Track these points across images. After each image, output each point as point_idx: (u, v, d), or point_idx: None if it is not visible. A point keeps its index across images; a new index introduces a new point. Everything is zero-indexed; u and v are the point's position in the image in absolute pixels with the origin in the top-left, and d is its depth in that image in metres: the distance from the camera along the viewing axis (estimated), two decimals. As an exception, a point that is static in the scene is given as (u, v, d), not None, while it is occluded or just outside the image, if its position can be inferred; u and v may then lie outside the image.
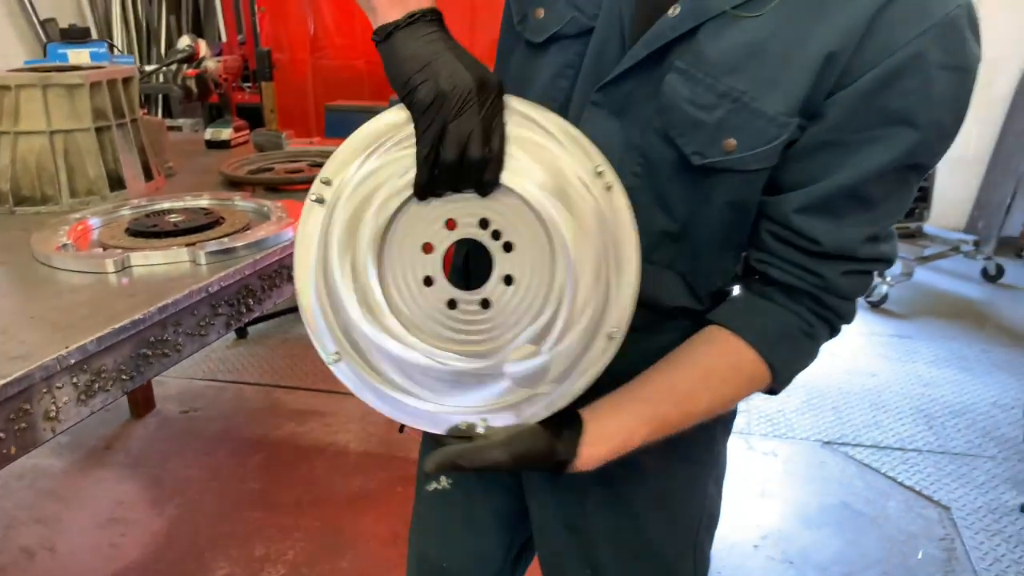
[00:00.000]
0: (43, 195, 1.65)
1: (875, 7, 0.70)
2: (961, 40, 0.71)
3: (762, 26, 0.73)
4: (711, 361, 0.83)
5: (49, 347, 1.01)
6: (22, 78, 1.63)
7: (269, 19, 3.29)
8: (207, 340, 1.31)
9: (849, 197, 0.76)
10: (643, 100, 0.80)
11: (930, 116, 0.72)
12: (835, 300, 0.81)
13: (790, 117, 0.73)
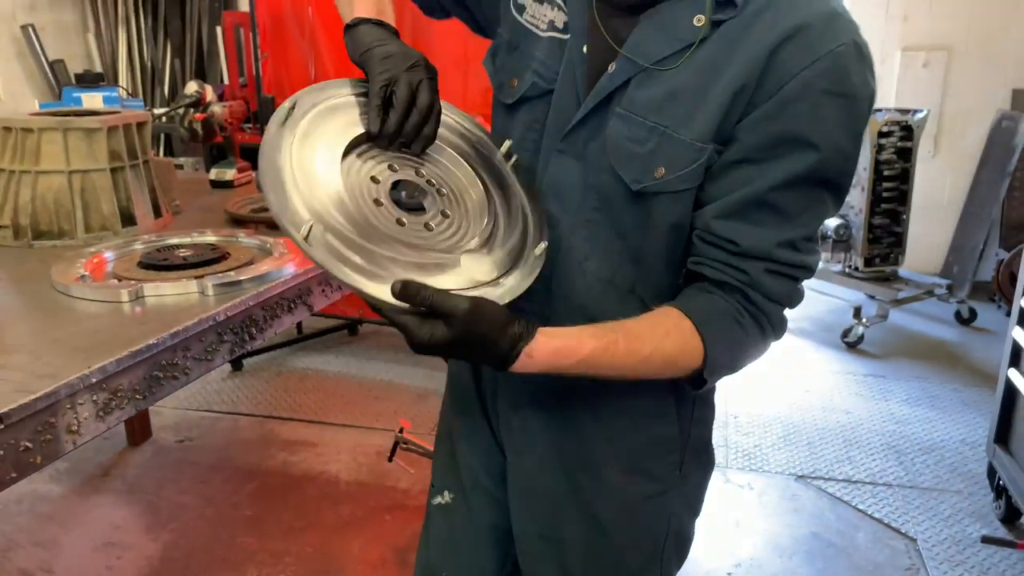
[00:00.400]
0: (60, 230, 1.77)
1: (773, 46, 0.84)
2: (845, 71, 0.84)
3: (677, 75, 0.89)
4: (658, 319, 0.93)
5: (72, 368, 1.12)
6: (44, 122, 1.75)
7: (271, 64, 3.45)
8: (212, 365, 1.41)
9: (761, 205, 0.88)
10: (594, 145, 0.95)
11: (824, 136, 0.85)
12: (760, 298, 0.92)
13: (705, 143, 0.88)
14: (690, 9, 0.88)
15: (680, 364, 0.93)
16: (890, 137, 3.89)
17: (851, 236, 4.05)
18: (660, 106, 0.90)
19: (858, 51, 0.85)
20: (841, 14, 0.87)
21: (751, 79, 0.85)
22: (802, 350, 3.86)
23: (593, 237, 0.98)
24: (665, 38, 0.89)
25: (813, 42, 0.84)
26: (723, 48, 0.87)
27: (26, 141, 1.76)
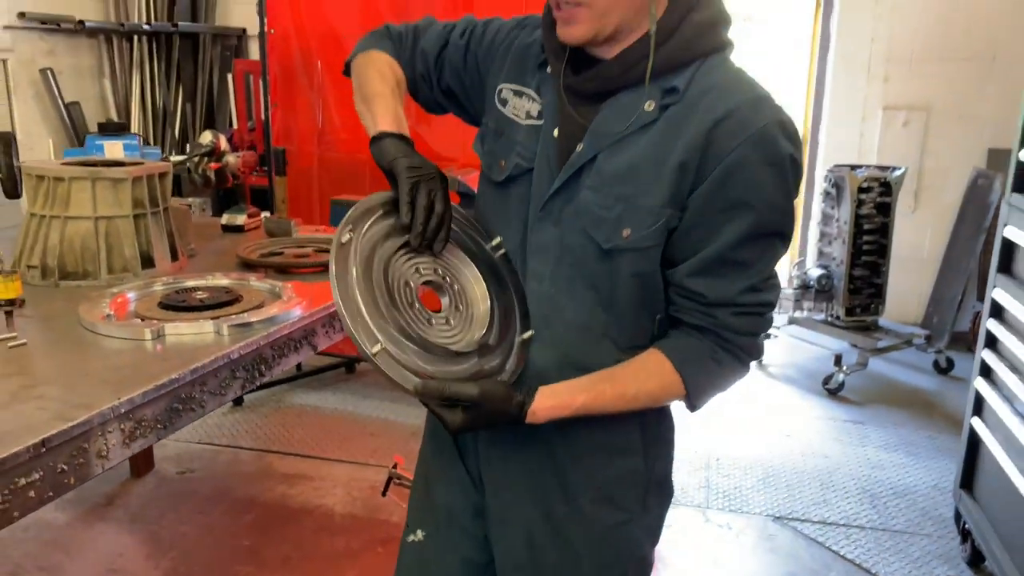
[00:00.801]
0: (85, 271, 1.91)
1: (709, 127, 1.02)
2: (772, 143, 1.01)
3: (638, 149, 1.07)
4: (641, 363, 1.11)
5: (103, 399, 1.25)
6: (75, 171, 1.91)
7: (281, 114, 3.63)
8: (225, 399, 1.55)
9: (723, 262, 1.06)
10: (569, 211, 1.12)
11: (760, 199, 1.03)
12: (731, 335, 1.09)
13: (663, 208, 1.05)
14: (642, 97, 1.06)
15: (664, 398, 1.14)
16: (870, 193, 4.07)
17: (833, 287, 4.20)
18: (623, 178, 1.07)
19: (781, 127, 1.03)
20: (764, 98, 1.05)
21: (694, 155, 1.03)
22: (785, 396, 3.99)
23: (570, 289, 1.14)
24: (623, 121, 1.07)
25: (742, 122, 1.02)
26: (670, 129, 1.05)
27: (57, 189, 1.91)
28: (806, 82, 5.05)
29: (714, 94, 1.04)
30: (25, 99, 4.85)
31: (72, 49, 5.16)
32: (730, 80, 1.06)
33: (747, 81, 1.07)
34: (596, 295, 1.12)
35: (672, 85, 1.05)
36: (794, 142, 1.04)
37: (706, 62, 1.07)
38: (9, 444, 1.08)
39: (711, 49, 1.08)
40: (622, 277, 1.10)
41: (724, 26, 1.10)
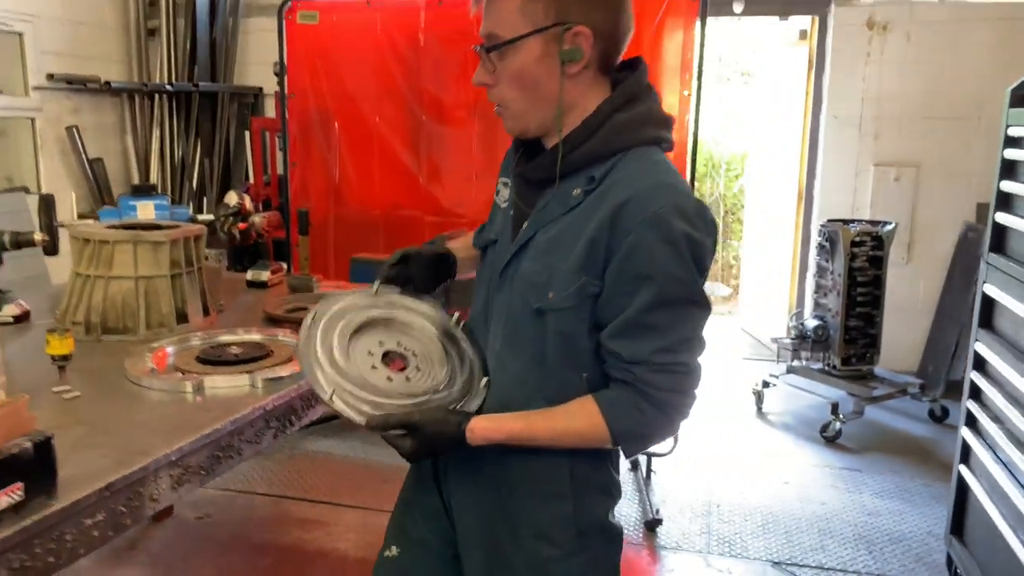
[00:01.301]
0: (125, 327, 2.06)
1: (614, 210, 1.17)
2: (668, 224, 1.14)
3: (563, 226, 1.24)
4: (573, 404, 1.25)
5: (157, 447, 1.39)
6: (119, 235, 2.07)
7: (299, 173, 3.81)
8: (260, 447, 1.68)
9: (636, 326, 1.18)
10: (515, 279, 1.29)
11: (659, 272, 1.16)
12: (650, 389, 1.20)
13: (577, 274, 1.20)
14: (573, 186, 1.24)
15: (590, 437, 1.24)
16: (863, 246, 4.23)
17: (829, 337, 4.33)
18: (550, 250, 1.24)
19: (677, 210, 1.15)
20: (665, 184, 1.18)
21: (602, 233, 1.18)
22: (783, 443, 4.09)
23: (513, 346, 1.30)
24: (559, 204, 1.25)
25: (641, 206, 1.16)
26: (588, 210, 1.21)
27: (102, 251, 2.07)
28: (800, 139, 5.25)
29: (624, 182, 1.19)
30: (51, 156, 5.06)
31: (96, 107, 5.39)
32: (640, 170, 1.20)
33: (654, 171, 1.21)
34: (532, 351, 1.28)
35: (592, 175, 1.22)
36: (691, 222, 1.16)
37: (628, 154, 1.22)
38: (79, 487, 1.22)
39: (632, 144, 1.23)
40: (550, 335, 1.25)
41: (651, 126, 1.25)
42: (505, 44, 1.20)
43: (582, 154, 1.22)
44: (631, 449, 1.28)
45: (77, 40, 5.18)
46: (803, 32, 5.18)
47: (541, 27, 1.18)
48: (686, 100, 3.16)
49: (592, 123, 1.22)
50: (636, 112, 1.24)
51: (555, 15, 1.17)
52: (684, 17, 3.13)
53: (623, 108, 1.23)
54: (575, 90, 1.23)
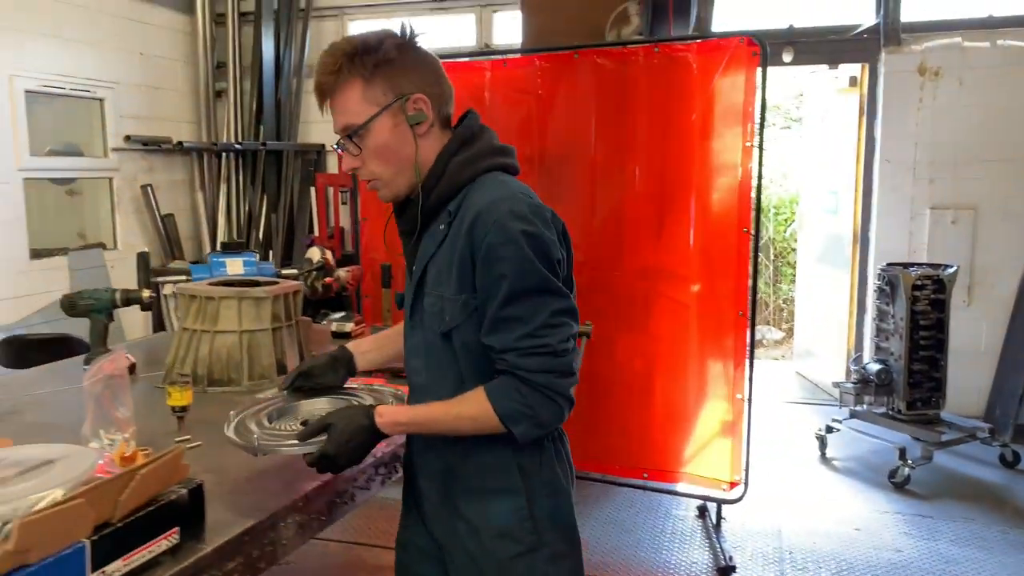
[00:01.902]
0: (229, 378, 2.17)
1: (468, 227, 1.36)
2: (506, 227, 1.33)
3: (439, 258, 1.42)
4: (467, 394, 1.41)
5: (285, 494, 1.48)
6: (224, 291, 2.19)
7: (369, 227, 3.95)
8: (370, 493, 1.76)
9: (500, 320, 1.36)
10: (422, 316, 1.47)
11: (510, 268, 1.33)
12: (525, 373, 1.35)
13: (459, 294, 1.39)
14: (438, 223, 1.44)
15: (481, 420, 1.38)
16: (924, 290, 4.22)
17: (892, 381, 4.30)
18: (436, 281, 1.43)
19: (512, 214, 1.34)
20: (500, 198, 1.36)
21: (465, 251, 1.37)
22: (851, 489, 4.05)
23: (437, 374, 1.47)
24: (431, 242, 1.45)
25: (484, 219, 1.35)
26: (453, 238, 1.41)
27: (207, 307, 2.20)
28: (853, 183, 5.28)
29: (471, 206, 1.39)
30: (127, 213, 5.31)
31: (168, 166, 5.65)
32: (481, 193, 1.40)
33: (493, 190, 1.39)
34: (451, 374, 1.45)
35: (449, 209, 1.43)
36: (526, 220, 1.34)
37: (473, 185, 1.43)
38: (221, 533, 1.31)
39: (473, 177, 1.43)
40: (458, 350, 1.43)
41: (488, 157, 1.45)
42: (362, 128, 1.40)
43: (436, 196, 1.43)
44: (520, 430, 1.38)
45: (152, 103, 5.46)
46: (853, 79, 5.25)
47: (385, 105, 1.40)
48: (748, 151, 3.24)
49: (436, 170, 1.44)
50: (472, 151, 1.45)
51: (392, 92, 1.41)
52: (745, 69, 3.22)
53: (459, 151, 1.45)
54: (427, 147, 1.45)
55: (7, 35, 4.41)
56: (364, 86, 1.40)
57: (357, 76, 1.40)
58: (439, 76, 1.48)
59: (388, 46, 1.43)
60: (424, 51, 1.48)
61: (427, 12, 5.74)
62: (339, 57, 1.41)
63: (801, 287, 6.49)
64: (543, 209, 1.39)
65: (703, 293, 3.41)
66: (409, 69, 1.43)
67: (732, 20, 5.24)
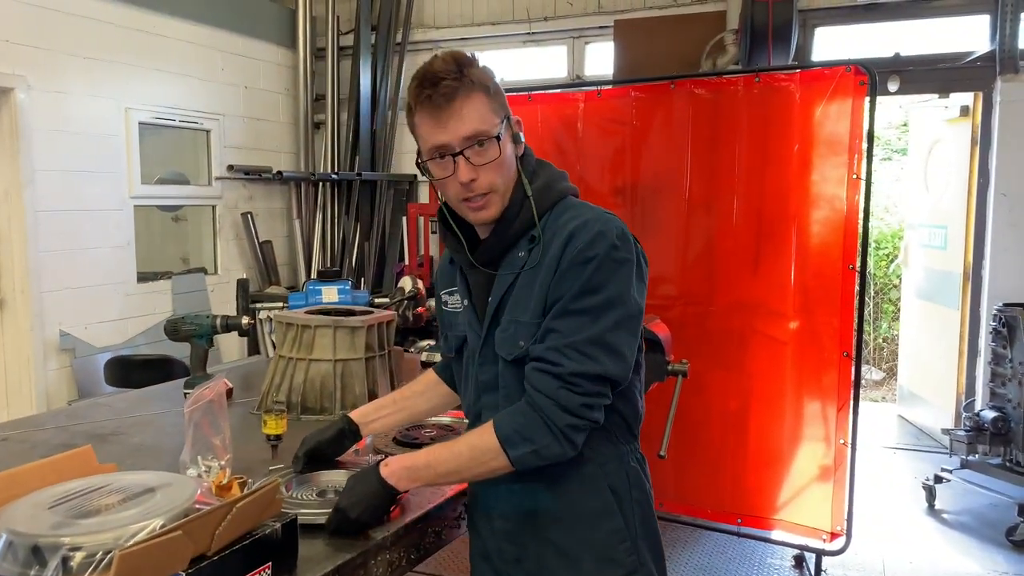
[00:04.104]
0: (322, 407, 2.18)
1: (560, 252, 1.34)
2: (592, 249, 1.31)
3: (518, 287, 1.39)
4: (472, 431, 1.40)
5: (376, 532, 1.45)
6: (320, 320, 2.21)
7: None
8: (458, 532, 1.72)
9: (544, 330, 1.33)
10: (492, 350, 1.42)
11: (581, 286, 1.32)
12: (531, 389, 1.33)
13: (538, 320, 1.35)
14: (517, 251, 1.42)
15: (479, 446, 1.35)
16: (1046, 332, 3.94)
17: (1011, 430, 4.01)
18: (511, 308, 1.40)
19: (601, 235, 1.32)
20: (590, 219, 1.35)
21: (551, 277, 1.34)
22: (964, 546, 3.78)
23: (508, 403, 1.39)
24: (510, 272, 1.41)
25: (575, 242, 1.33)
26: (534, 264, 1.38)
27: (303, 335, 2.22)
28: (964, 217, 5.00)
29: (559, 230, 1.37)
30: (227, 239, 5.50)
31: (267, 194, 5.85)
32: (568, 217, 1.39)
33: (579, 213, 1.38)
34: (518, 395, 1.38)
35: (531, 235, 1.40)
36: (611, 241, 1.32)
37: (553, 210, 1.42)
38: (312, 570, 1.29)
39: (551, 203, 1.42)
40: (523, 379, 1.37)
41: (557, 183, 1.45)
42: (494, 136, 1.36)
43: (520, 223, 1.41)
44: (516, 455, 1.32)
45: (254, 134, 5.68)
46: (965, 108, 5.00)
47: (504, 117, 1.39)
48: (855, 183, 3.09)
49: (517, 198, 1.42)
50: (544, 178, 1.45)
51: (503, 109, 1.40)
52: (851, 98, 3.09)
53: (533, 180, 1.44)
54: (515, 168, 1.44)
55: (124, 70, 4.66)
56: (488, 97, 1.37)
57: (482, 86, 1.36)
58: None
59: (482, 68, 1.41)
60: None
61: (519, 44, 5.79)
62: (461, 64, 1.35)
63: (905, 326, 6.17)
64: (628, 232, 1.38)
65: (802, 330, 3.26)
66: (501, 92, 1.43)
67: (834, 49, 5.08)
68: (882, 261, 7.88)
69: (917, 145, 5.96)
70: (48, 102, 4.23)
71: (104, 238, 4.58)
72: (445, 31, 5.93)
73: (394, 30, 5.90)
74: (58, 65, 4.28)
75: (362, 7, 5.85)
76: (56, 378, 4.33)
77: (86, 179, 4.46)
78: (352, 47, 5.92)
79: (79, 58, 4.39)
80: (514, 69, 5.81)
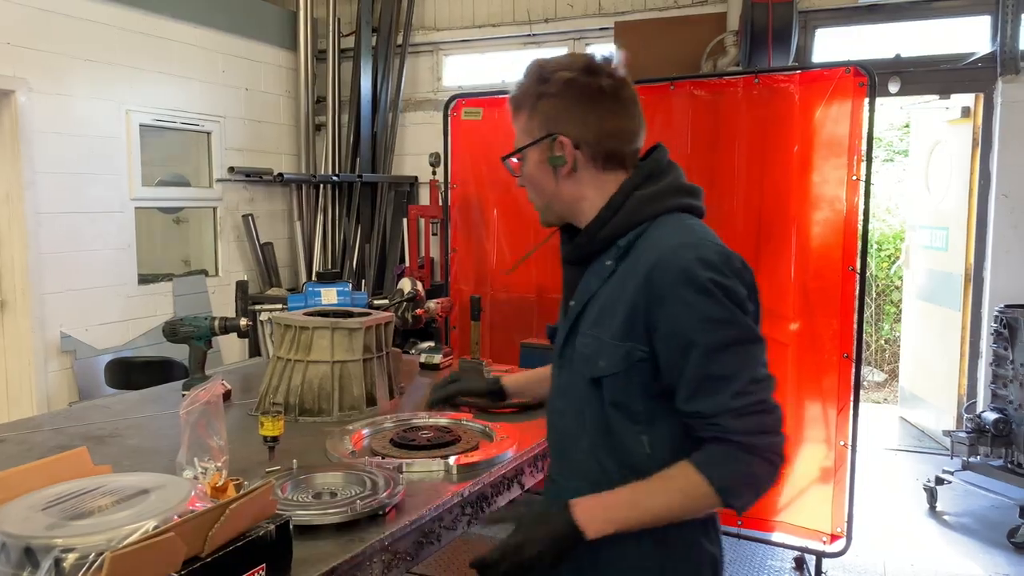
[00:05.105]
0: (319, 408, 2.18)
1: (646, 272, 1.26)
2: (693, 275, 1.23)
3: (603, 297, 1.34)
4: (670, 471, 1.27)
5: (371, 532, 1.45)
6: (318, 322, 2.21)
7: (459, 259, 3.97)
8: (455, 533, 1.72)
9: (702, 381, 1.23)
10: (572, 357, 1.39)
11: (702, 321, 1.22)
12: (741, 436, 1.22)
13: (620, 342, 1.29)
14: (606, 259, 1.37)
15: (697, 497, 1.25)
16: (1047, 334, 3.92)
17: (1012, 432, 4.00)
18: (595, 321, 1.35)
19: (700, 261, 1.24)
20: (687, 243, 1.27)
21: (639, 298, 1.27)
22: (966, 548, 3.76)
23: (579, 421, 1.37)
24: (596, 277, 1.37)
25: (667, 266, 1.25)
26: (622, 278, 1.32)
27: (301, 336, 2.22)
28: (966, 219, 4.99)
29: (651, 248, 1.30)
30: (228, 240, 5.51)
31: (268, 196, 5.85)
32: (664, 234, 1.31)
33: (676, 233, 1.31)
34: (596, 423, 1.35)
35: (619, 244, 1.35)
36: (715, 268, 1.24)
37: (654, 223, 1.34)
38: (307, 572, 1.28)
39: (656, 213, 1.35)
40: (606, 404, 1.32)
41: (673, 196, 1.37)
42: (511, 155, 1.42)
43: (610, 229, 1.36)
44: (739, 502, 1.26)
45: (255, 136, 5.68)
46: (966, 109, 4.99)
47: (535, 139, 1.38)
48: (855, 185, 3.09)
49: (615, 202, 1.36)
50: (657, 187, 1.37)
51: (544, 128, 1.37)
52: (851, 100, 3.09)
53: (642, 186, 1.37)
54: (574, 187, 1.39)
55: (125, 72, 4.67)
56: (528, 115, 1.39)
57: (528, 103, 1.39)
58: (606, 117, 1.36)
59: (557, 79, 1.35)
60: (598, 88, 1.35)
61: (519, 46, 5.79)
62: (527, 78, 1.39)
63: (907, 327, 6.16)
64: (733, 257, 1.28)
65: (802, 332, 3.26)
66: (567, 107, 1.35)
67: (834, 50, 5.07)
68: (884, 262, 7.87)
69: (918, 146, 5.95)
70: (49, 104, 4.23)
71: (105, 240, 4.58)
72: (446, 33, 5.93)
73: (395, 32, 5.90)
74: (59, 67, 4.28)
75: (363, 9, 5.86)
76: (57, 380, 4.33)
77: (87, 181, 4.47)
78: (353, 49, 5.92)
79: (80, 60, 4.40)
80: (514, 71, 5.80)
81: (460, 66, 6.03)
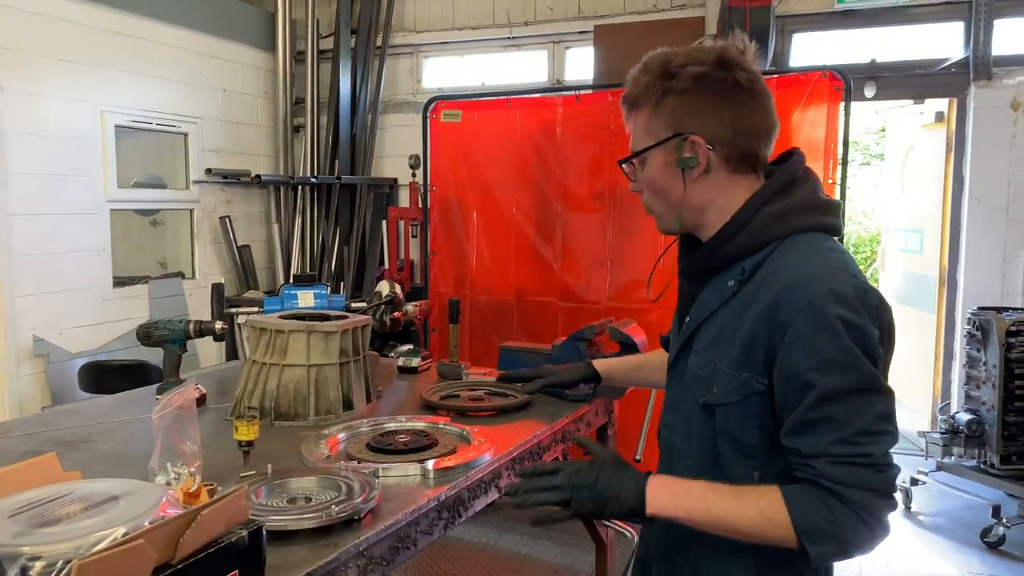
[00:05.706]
0: (295, 412, 2.16)
1: (771, 302, 1.18)
2: (822, 312, 1.14)
3: (721, 320, 1.28)
4: (758, 488, 1.21)
5: (346, 538, 1.43)
6: (294, 325, 2.19)
7: (439, 261, 3.96)
8: (431, 538, 1.71)
9: (809, 421, 1.15)
10: (684, 372, 1.35)
11: (823, 362, 1.13)
12: (836, 485, 1.13)
13: (739, 371, 1.22)
14: (727, 278, 1.29)
15: (767, 516, 1.17)
16: (1019, 336, 3.97)
17: (985, 432, 4.05)
18: (712, 345, 1.28)
19: (832, 295, 1.14)
20: (818, 274, 1.18)
21: (761, 328, 1.19)
22: (940, 548, 3.81)
23: (687, 440, 1.34)
24: (715, 296, 1.30)
25: (796, 296, 1.17)
26: (744, 303, 1.24)
27: (277, 340, 2.19)
28: (940, 222, 5.05)
29: (779, 274, 1.21)
30: (206, 243, 5.46)
31: (246, 198, 5.80)
32: (795, 259, 1.22)
33: (810, 259, 1.21)
34: (704, 447, 1.30)
35: (744, 265, 1.26)
36: (847, 304, 1.14)
37: (784, 243, 1.25)
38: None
39: (786, 233, 1.25)
40: (717, 431, 1.27)
41: (807, 213, 1.27)
42: (632, 157, 1.34)
43: (734, 247, 1.27)
44: (819, 551, 1.16)
45: (233, 138, 5.63)
46: (940, 114, 5.05)
47: (660, 140, 1.29)
48: (831, 188, 3.12)
49: (742, 217, 1.27)
50: (789, 202, 1.27)
51: (671, 128, 1.28)
52: (826, 104, 3.12)
53: (772, 200, 1.27)
54: (703, 192, 1.30)
55: (100, 72, 4.61)
56: (650, 114, 1.29)
57: (650, 100, 1.29)
58: (738, 118, 1.26)
59: (687, 74, 1.25)
60: (733, 83, 1.26)
61: (500, 49, 5.79)
62: (647, 73, 1.29)
63: (882, 329, 6.21)
64: (870, 294, 1.17)
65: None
66: (699, 104, 1.26)
67: (810, 55, 5.12)
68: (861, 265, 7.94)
69: (894, 150, 6.02)
70: (22, 104, 4.17)
71: (80, 242, 4.52)
72: (425, 35, 5.92)
73: (374, 34, 5.88)
74: (32, 67, 4.22)
75: (342, 11, 5.83)
76: (29, 384, 4.27)
77: (61, 183, 4.41)
78: (332, 51, 5.90)
79: (54, 60, 4.34)
80: (494, 74, 5.82)
81: (440, 68, 6.02)
